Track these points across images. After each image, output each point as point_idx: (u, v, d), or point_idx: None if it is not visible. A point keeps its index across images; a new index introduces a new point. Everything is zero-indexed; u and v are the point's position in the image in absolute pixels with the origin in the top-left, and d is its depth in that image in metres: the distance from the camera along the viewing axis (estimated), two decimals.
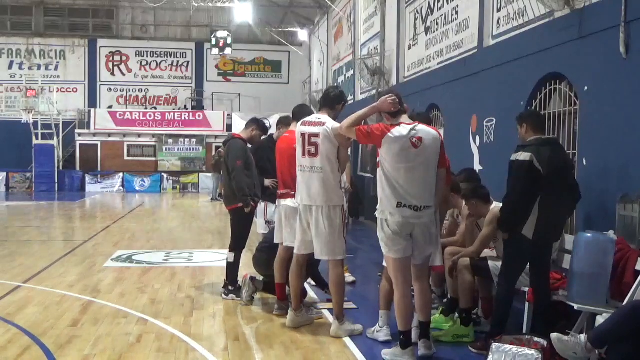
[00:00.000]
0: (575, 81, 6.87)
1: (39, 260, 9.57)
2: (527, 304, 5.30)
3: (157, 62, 30.34)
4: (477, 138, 9.24)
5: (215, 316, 6.46)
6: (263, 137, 7.62)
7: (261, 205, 7.55)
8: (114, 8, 30.09)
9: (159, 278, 8.36)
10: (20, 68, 29.34)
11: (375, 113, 5.34)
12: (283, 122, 7.33)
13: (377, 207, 5.04)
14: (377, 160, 5.10)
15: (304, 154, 5.70)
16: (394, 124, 5.03)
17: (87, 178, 26.89)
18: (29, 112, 25.26)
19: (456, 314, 5.88)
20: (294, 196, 5.99)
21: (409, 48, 13.30)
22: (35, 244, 11.67)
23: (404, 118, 5.10)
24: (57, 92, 27.79)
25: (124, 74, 30.19)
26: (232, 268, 7.15)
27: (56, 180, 26.31)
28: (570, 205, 5.60)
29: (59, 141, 26.68)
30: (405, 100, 5.46)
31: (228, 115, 28.08)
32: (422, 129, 5.00)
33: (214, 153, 25.23)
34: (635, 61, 5.75)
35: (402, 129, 4.95)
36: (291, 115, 6.53)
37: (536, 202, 4.97)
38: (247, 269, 7.39)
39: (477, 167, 9.00)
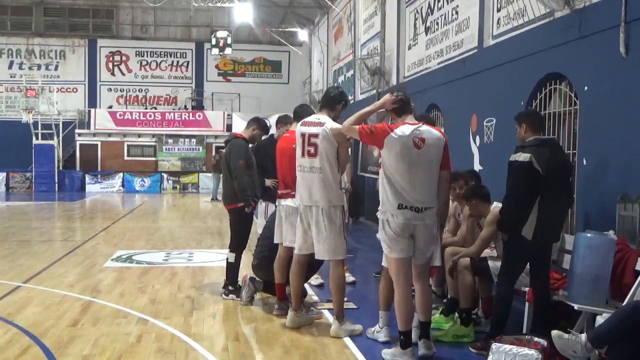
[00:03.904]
0: (575, 81, 6.87)
1: (39, 260, 9.57)
2: (527, 304, 5.31)
3: (157, 62, 30.35)
4: (477, 138, 9.24)
5: (215, 316, 6.46)
6: (264, 137, 7.63)
7: (262, 205, 7.55)
8: (114, 8, 30.10)
9: (159, 278, 8.35)
10: (20, 68, 29.36)
11: (378, 110, 5.35)
12: (282, 121, 7.34)
13: (379, 207, 5.05)
14: (379, 161, 5.10)
15: (303, 154, 5.70)
16: (397, 123, 5.03)
17: (87, 178, 26.91)
18: (29, 112, 25.28)
19: (456, 314, 5.88)
20: (294, 196, 5.98)
21: (409, 48, 13.30)
22: (35, 244, 11.66)
23: (410, 118, 5.11)
24: (57, 92, 27.82)
25: (124, 74, 30.21)
26: (232, 268, 7.14)
27: (56, 180, 26.33)
28: (567, 206, 5.60)
29: (59, 141, 26.69)
30: None
31: (228, 115, 28.10)
32: (426, 129, 4.99)
33: (214, 153, 25.22)
34: (635, 61, 5.75)
35: (405, 129, 4.94)
36: (292, 115, 6.53)
37: (535, 202, 4.97)
38: (247, 269, 7.38)
39: (477, 167, 9.00)
